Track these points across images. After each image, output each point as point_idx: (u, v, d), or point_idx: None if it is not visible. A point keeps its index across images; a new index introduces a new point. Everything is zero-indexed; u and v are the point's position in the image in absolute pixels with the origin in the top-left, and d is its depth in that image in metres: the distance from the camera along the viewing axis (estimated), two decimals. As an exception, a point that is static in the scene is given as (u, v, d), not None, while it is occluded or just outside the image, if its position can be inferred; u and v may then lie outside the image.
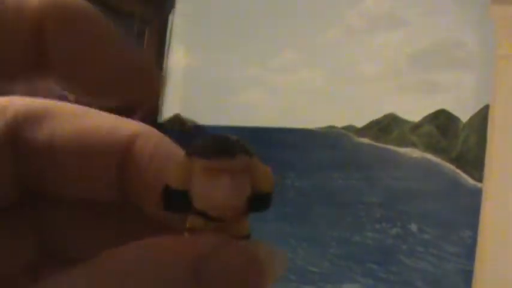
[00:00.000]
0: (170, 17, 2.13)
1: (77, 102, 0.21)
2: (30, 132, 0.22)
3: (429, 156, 1.73)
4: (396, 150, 1.77)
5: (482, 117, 1.59)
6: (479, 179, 1.56)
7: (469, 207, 1.56)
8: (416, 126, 1.78)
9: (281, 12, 1.90)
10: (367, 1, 1.84)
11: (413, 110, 1.75)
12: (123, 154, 0.21)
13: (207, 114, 1.99)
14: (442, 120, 1.74)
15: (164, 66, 2.10)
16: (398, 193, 1.68)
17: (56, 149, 0.21)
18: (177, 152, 0.21)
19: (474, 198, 1.52)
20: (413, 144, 1.77)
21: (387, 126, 1.79)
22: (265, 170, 0.18)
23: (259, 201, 0.19)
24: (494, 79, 1.54)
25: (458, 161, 1.66)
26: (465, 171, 1.64)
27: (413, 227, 1.66)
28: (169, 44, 2.12)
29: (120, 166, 0.21)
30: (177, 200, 0.19)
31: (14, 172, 0.21)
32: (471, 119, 1.67)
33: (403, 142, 1.77)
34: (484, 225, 1.48)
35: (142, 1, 2.02)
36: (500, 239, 1.45)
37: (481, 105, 1.62)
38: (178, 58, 2.12)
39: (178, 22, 2.12)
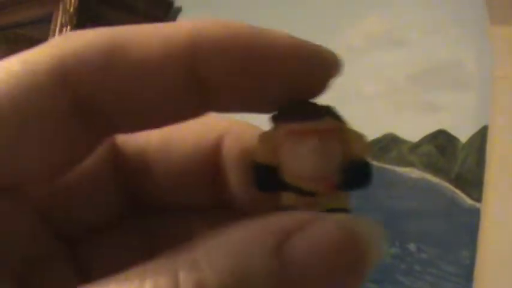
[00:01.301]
0: (178, 19, 2.14)
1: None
2: (128, 142, 0.22)
3: (428, 176, 1.73)
4: (395, 169, 1.77)
5: (481, 137, 1.59)
6: (478, 199, 1.56)
7: (468, 227, 1.56)
8: (415, 146, 1.78)
9: (280, 27, 1.91)
10: (367, 20, 1.86)
11: (413, 129, 1.76)
12: (214, 157, 0.20)
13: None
14: (441, 140, 1.74)
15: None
16: (397, 212, 1.68)
17: (150, 157, 0.21)
18: None
19: (472, 218, 1.52)
20: (412, 164, 1.77)
21: (386, 146, 1.80)
22: (357, 134, 0.17)
23: (354, 171, 0.17)
24: (493, 100, 1.54)
25: (457, 181, 1.66)
26: (464, 191, 1.65)
27: (412, 247, 1.66)
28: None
29: (213, 170, 0.21)
30: (266, 176, 0.17)
31: (116, 187, 0.21)
32: (470, 139, 1.67)
33: (402, 162, 1.78)
34: (482, 245, 1.48)
35: (143, 19, 2.03)
36: (498, 259, 1.45)
37: (480, 126, 1.63)
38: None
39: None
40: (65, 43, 0.18)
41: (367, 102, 1.79)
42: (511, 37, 1.48)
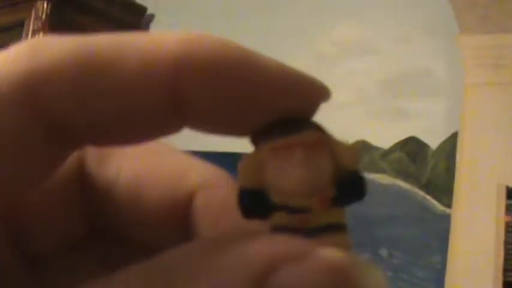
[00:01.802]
0: (151, 25, 2.14)
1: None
2: (98, 167, 0.20)
3: (399, 182, 1.74)
4: (366, 176, 1.78)
5: (451, 144, 1.61)
6: (448, 205, 1.58)
7: (438, 232, 1.58)
8: (386, 153, 1.80)
9: (253, 36, 1.91)
10: (338, 29, 1.87)
11: (384, 136, 1.78)
12: (186, 207, 0.19)
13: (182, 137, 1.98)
14: (411, 147, 1.76)
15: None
16: (368, 218, 1.69)
17: (118, 191, 0.20)
18: None
19: (443, 224, 1.54)
20: (383, 171, 1.78)
21: (358, 153, 1.81)
22: (346, 144, 0.15)
23: (349, 183, 0.16)
24: (463, 107, 1.56)
25: (428, 187, 1.68)
26: (434, 197, 1.66)
27: (384, 252, 1.68)
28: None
29: (184, 219, 0.19)
30: (253, 201, 0.16)
31: (81, 209, 0.20)
32: (440, 146, 1.70)
33: (373, 168, 1.79)
34: (453, 250, 1.50)
35: (116, 26, 2.02)
36: (469, 263, 1.47)
37: (449, 133, 1.65)
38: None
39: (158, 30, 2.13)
40: (35, 52, 0.17)
41: (339, 109, 1.80)
42: (480, 46, 1.51)
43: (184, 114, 0.17)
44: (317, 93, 0.17)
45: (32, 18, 1.87)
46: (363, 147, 1.79)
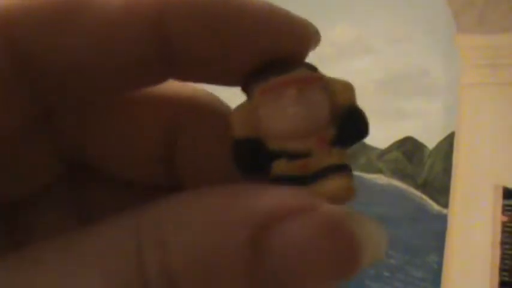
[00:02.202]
0: None
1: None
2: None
3: (396, 182, 1.75)
4: (363, 176, 1.79)
5: (448, 144, 1.62)
6: (445, 205, 1.59)
7: (435, 232, 1.58)
8: (383, 153, 1.81)
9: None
10: (336, 29, 1.88)
11: (381, 137, 1.79)
12: (170, 131, 0.18)
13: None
14: (408, 147, 1.77)
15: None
16: (365, 218, 1.70)
17: (92, 130, 0.18)
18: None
19: (439, 224, 1.54)
20: (380, 171, 1.79)
21: (355, 153, 1.82)
22: (341, 81, 0.14)
23: (348, 120, 0.14)
24: (460, 107, 1.57)
25: (424, 187, 1.69)
26: (431, 197, 1.67)
27: (380, 252, 1.68)
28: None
29: (167, 145, 0.18)
30: (249, 151, 0.14)
31: (53, 145, 0.19)
32: (437, 146, 1.70)
33: (370, 168, 1.80)
34: (449, 250, 1.50)
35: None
36: (464, 263, 1.47)
37: (446, 133, 1.66)
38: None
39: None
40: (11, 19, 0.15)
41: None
42: (477, 46, 1.51)
43: (170, 62, 0.16)
44: (307, 34, 0.16)
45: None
46: (360, 147, 1.79)
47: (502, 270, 1.43)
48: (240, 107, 0.14)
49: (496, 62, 1.48)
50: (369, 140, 1.80)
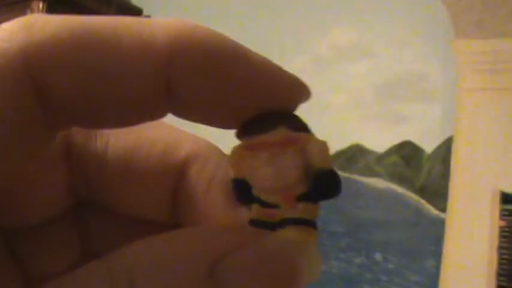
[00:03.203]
0: None
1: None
2: (85, 141, 0.20)
3: (394, 186, 1.75)
4: (361, 180, 1.79)
5: (446, 148, 1.61)
6: (443, 210, 1.59)
7: (433, 237, 1.58)
8: (381, 157, 1.80)
9: (250, 38, 1.91)
10: (335, 32, 1.87)
11: (379, 140, 1.78)
12: (177, 178, 0.20)
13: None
14: (406, 151, 1.76)
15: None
16: (363, 222, 1.69)
17: (108, 161, 0.20)
18: None
19: (437, 228, 1.54)
20: (378, 175, 1.79)
21: (353, 157, 1.81)
22: (318, 144, 0.16)
23: (319, 181, 0.16)
24: (458, 111, 1.57)
25: (423, 191, 1.68)
26: (429, 202, 1.67)
27: (378, 256, 1.68)
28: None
29: (174, 191, 0.20)
30: (241, 189, 0.17)
31: (69, 181, 0.20)
32: (435, 150, 1.70)
33: (368, 172, 1.79)
34: (447, 254, 1.50)
35: (120, 9, 2.02)
36: (462, 268, 1.47)
37: (444, 137, 1.65)
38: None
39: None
40: (30, 28, 0.17)
41: (334, 113, 1.80)
42: (475, 51, 1.51)
43: (172, 100, 0.17)
44: (298, 91, 0.18)
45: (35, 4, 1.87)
46: (358, 151, 1.79)
47: (499, 275, 1.43)
48: (234, 151, 0.17)
49: (495, 67, 1.48)
50: (367, 144, 1.79)
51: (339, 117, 1.80)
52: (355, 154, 1.80)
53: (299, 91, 0.18)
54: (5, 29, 0.16)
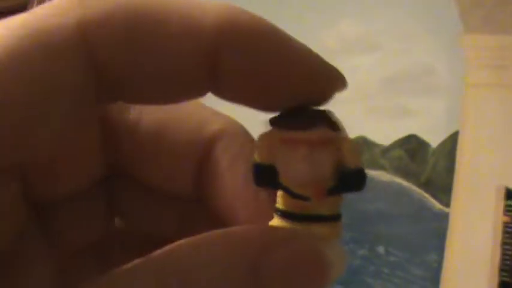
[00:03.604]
0: None
1: None
2: (119, 113, 0.21)
3: (398, 179, 1.74)
4: (366, 172, 1.78)
5: (451, 143, 1.61)
6: (447, 204, 1.59)
7: (436, 231, 1.58)
8: (386, 150, 1.80)
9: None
10: (342, 24, 1.87)
11: (384, 133, 1.78)
12: (204, 154, 0.21)
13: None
14: (412, 144, 1.76)
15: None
16: (366, 215, 1.69)
17: (140, 134, 0.21)
18: None
19: (441, 223, 1.54)
20: (382, 168, 1.79)
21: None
22: (351, 144, 0.17)
23: (347, 179, 0.17)
24: (464, 107, 1.56)
25: (427, 185, 1.68)
26: (433, 196, 1.66)
27: (381, 249, 1.68)
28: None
29: (200, 166, 0.21)
30: (264, 174, 0.18)
31: (101, 152, 0.21)
32: (441, 144, 1.69)
33: (373, 165, 1.79)
34: (450, 249, 1.50)
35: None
36: (465, 262, 1.47)
37: (450, 132, 1.65)
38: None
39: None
40: (84, 4, 0.17)
41: (339, 105, 1.79)
42: (483, 46, 1.51)
43: (215, 80, 0.19)
44: (337, 81, 0.19)
45: (35, 3, 1.87)
46: (363, 143, 1.79)
47: (502, 270, 1.43)
48: (263, 138, 0.18)
49: (502, 63, 1.48)
50: (372, 137, 1.79)
51: (345, 109, 1.80)
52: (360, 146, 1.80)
53: (337, 81, 0.19)
54: (59, 5, 0.17)
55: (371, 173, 1.75)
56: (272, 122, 0.18)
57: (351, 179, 0.17)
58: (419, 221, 1.67)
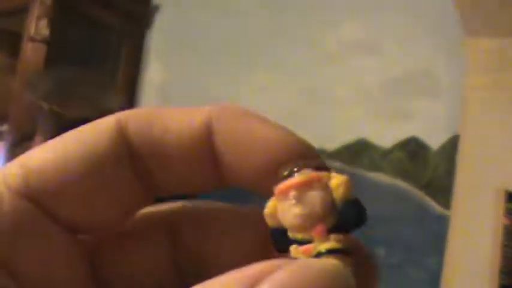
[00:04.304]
0: (148, 33, 2.13)
1: None
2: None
3: (398, 182, 1.75)
4: (366, 175, 1.79)
5: (452, 145, 1.62)
6: (447, 206, 1.59)
7: (436, 233, 1.58)
8: (387, 152, 1.80)
9: (258, 33, 1.92)
10: (343, 27, 1.87)
11: (384, 136, 1.78)
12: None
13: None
14: (412, 147, 1.76)
15: (140, 80, 2.10)
16: (367, 217, 1.69)
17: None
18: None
19: (441, 225, 1.54)
20: (383, 170, 1.79)
21: (358, 151, 1.81)
22: (338, 179, 0.18)
23: (343, 213, 0.18)
24: (465, 109, 1.57)
25: (427, 188, 1.68)
26: (433, 198, 1.67)
27: (381, 251, 1.68)
28: (145, 59, 2.12)
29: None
30: (279, 238, 0.19)
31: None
32: (441, 147, 1.70)
33: (373, 167, 1.79)
34: (449, 252, 1.50)
35: (121, 16, 2.02)
36: (465, 265, 1.47)
37: (451, 134, 1.65)
38: (154, 73, 2.13)
39: (156, 38, 2.13)
40: (120, 113, 0.22)
41: (341, 107, 1.80)
42: (484, 49, 1.51)
43: (221, 172, 0.22)
44: (308, 153, 0.22)
45: (37, 4, 1.87)
46: (364, 145, 1.79)
47: (502, 273, 1.43)
48: (269, 203, 0.19)
49: (503, 66, 1.48)
50: (372, 139, 1.79)
51: (345, 111, 1.81)
52: (360, 149, 1.80)
53: (308, 153, 0.22)
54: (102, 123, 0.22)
55: (371, 175, 1.75)
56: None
57: (347, 213, 0.18)
58: (420, 223, 1.67)
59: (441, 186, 1.65)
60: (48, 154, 0.20)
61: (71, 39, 1.91)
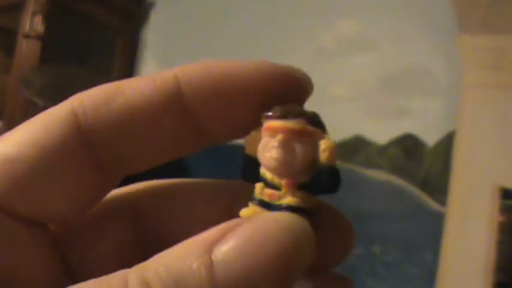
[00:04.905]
0: (143, 30, 2.13)
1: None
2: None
3: (394, 179, 1.75)
4: (362, 171, 1.79)
5: (448, 142, 1.62)
6: (443, 203, 1.59)
7: (432, 230, 1.58)
8: (383, 149, 1.80)
9: (254, 30, 1.91)
10: (339, 24, 1.87)
11: (381, 132, 1.78)
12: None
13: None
14: (408, 144, 1.76)
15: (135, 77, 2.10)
16: (363, 214, 1.69)
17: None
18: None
19: (437, 222, 1.54)
20: (379, 167, 1.79)
21: (354, 148, 1.81)
22: (328, 144, 0.18)
23: (319, 177, 0.18)
24: (460, 107, 1.57)
25: (423, 184, 1.68)
26: (429, 195, 1.67)
27: (377, 248, 1.68)
28: (140, 56, 2.11)
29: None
30: (248, 166, 0.19)
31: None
32: (437, 144, 1.70)
33: (369, 164, 1.79)
34: (445, 249, 1.50)
35: (116, 12, 2.01)
36: (461, 262, 1.47)
37: (446, 131, 1.65)
38: (149, 70, 2.12)
39: (151, 35, 2.12)
40: (75, 97, 0.21)
41: (337, 104, 1.80)
42: (480, 47, 1.51)
43: (199, 132, 0.21)
44: (299, 80, 0.20)
45: (32, 1, 1.86)
46: (360, 142, 1.79)
47: (497, 269, 1.44)
48: (253, 132, 0.19)
49: (499, 64, 1.48)
50: (368, 136, 1.79)
51: (342, 108, 1.81)
52: (356, 145, 1.81)
53: (302, 81, 0.20)
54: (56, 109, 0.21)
55: (367, 171, 1.75)
56: (263, 116, 0.18)
57: (323, 177, 0.17)
58: (415, 220, 1.67)
59: (437, 183, 1.65)
60: (1, 145, 0.20)
61: (65, 36, 1.91)
